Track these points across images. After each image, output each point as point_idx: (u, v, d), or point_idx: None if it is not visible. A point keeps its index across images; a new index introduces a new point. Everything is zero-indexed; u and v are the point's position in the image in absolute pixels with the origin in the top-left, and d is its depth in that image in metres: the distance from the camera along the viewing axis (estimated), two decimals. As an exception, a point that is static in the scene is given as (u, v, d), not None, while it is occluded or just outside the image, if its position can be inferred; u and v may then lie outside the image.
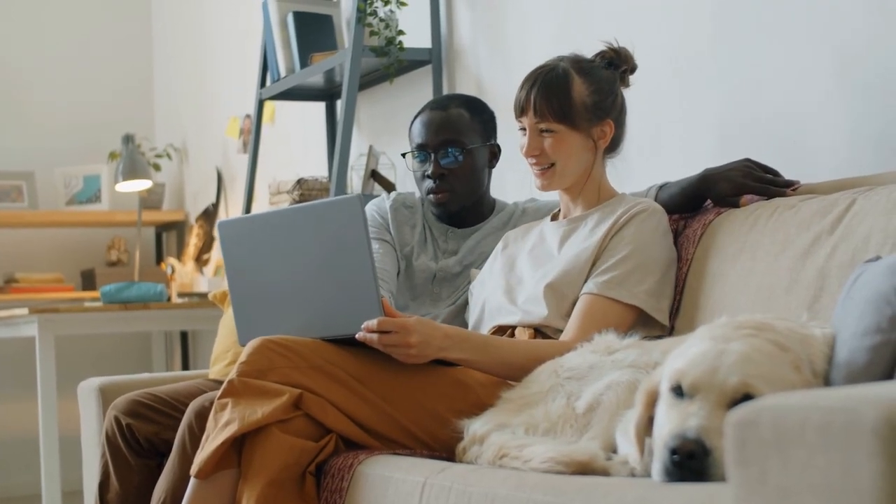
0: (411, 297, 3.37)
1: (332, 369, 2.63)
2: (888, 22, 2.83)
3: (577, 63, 2.96)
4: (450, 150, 3.31)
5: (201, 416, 2.96)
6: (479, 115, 3.37)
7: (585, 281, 2.85)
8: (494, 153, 3.41)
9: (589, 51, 3.02)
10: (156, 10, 7.09)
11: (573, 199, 3.02)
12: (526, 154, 2.95)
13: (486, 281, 3.11)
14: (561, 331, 2.85)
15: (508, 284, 3.01)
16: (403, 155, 3.41)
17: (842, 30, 2.95)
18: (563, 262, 2.90)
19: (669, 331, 2.85)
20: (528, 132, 2.94)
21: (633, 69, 3.04)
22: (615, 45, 3.01)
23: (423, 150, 3.34)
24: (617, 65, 3.00)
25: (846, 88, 2.95)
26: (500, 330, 2.96)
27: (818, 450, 1.33)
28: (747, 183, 2.89)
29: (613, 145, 3.01)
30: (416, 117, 3.40)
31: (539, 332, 2.88)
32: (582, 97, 2.91)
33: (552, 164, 2.93)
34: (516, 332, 2.91)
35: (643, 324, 2.81)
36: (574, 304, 2.85)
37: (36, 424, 5.46)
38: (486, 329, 3.00)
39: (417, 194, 3.48)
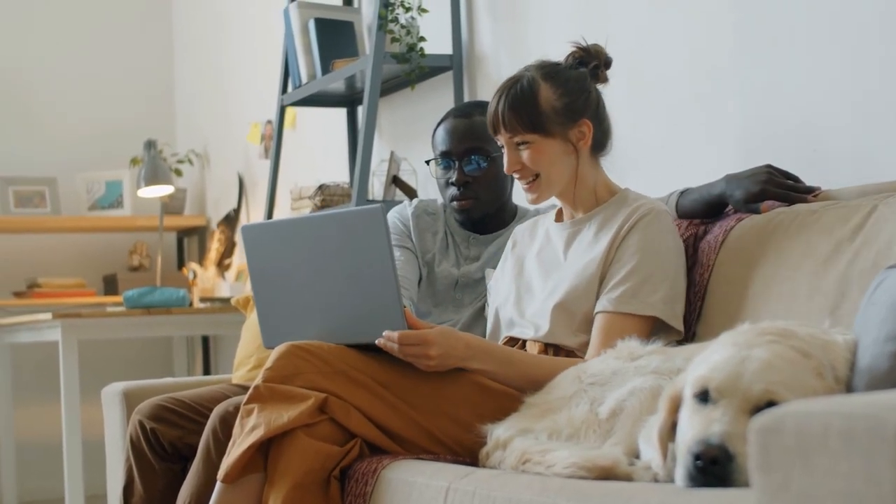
0: (434, 303, 3.38)
1: (357, 375, 2.65)
2: (909, 29, 2.84)
3: (543, 69, 2.93)
4: (474, 157, 3.32)
5: (225, 422, 2.98)
6: None
7: (597, 296, 2.83)
8: None
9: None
10: (177, 17, 7.12)
11: (571, 204, 2.99)
12: (507, 171, 2.92)
13: (499, 283, 3.11)
14: (571, 347, 2.85)
15: (518, 293, 3.00)
16: (427, 162, 3.42)
17: (862, 37, 2.96)
18: (571, 277, 2.87)
19: (691, 336, 2.85)
20: (505, 149, 2.92)
21: (606, 64, 3.00)
22: (583, 44, 2.98)
23: (447, 158, 3.36)
24: (587, 62, 2.96)
25: (867, 95, 2.95)
26: (511, 341, 2.96)
27: (841, 456, 1.34)
28: (768, 189, 2.88)
29: (599, 144, 2.96)
30: (439, 125, 3.41)
31: (549, 346, 2.88)
32: (551, 103, 2.87)
33: (537, 175, 2.90)
34: (527, 345, 2.91)
35: (660, 329, 2.80)
36: (584, 319, 2.84)
37: (59, 429, 5.49)
38: (499, 340, 3.00)
39: (440, 201, 3.50)
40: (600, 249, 2.86)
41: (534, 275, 3.00)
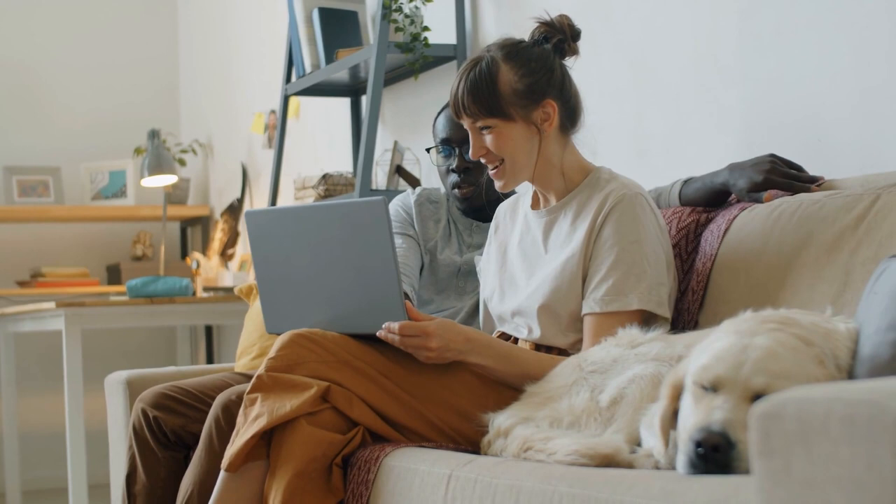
0: (436, 290, 3.38)
1: (359, 364, 2.65)
2: (913, 18, 2.84)
3: (504, 48, 2.82)
4: None
5: (228, 410, 2.98)
6: None
7: (582, 295, 2.79)
8: None
9: (614, 47, 3.02)
10: (182, 7, 7.12)
11: (542, 187, 2.91)
12: (472, 156, 2.85)
13: (486, 273, 3.07)
14: (560, 347, 2.83)
15: (502, 288, 2.97)
16: (428, 150, 3.42)
17: (866, 27, 2.95)
18: (553, 277, 2.82)
19: (693, 324, 2.84)
20: (470, 134, 2.84)
21: (573, 36, 2.87)
22: (547, 18, 2.86)
23: (447, 145, 3.36)
24: (551, 37, 2.85)
25: (871, 85, 2.95)
26: (503, 337, 2.96)
27: (842, 442, 1.34)
28: (772, 178, 2.88)
29: (568, 122, 2.86)
30: (439, 113, 3.42)
31: (540, 346, 2.87)
32: (511, 85, 2.78)
33: (502, 161, 2.82)
34: (519, 343, 2.90)
35: (650, 317, 2.76)
36: (571, 319, 2.81)
37: (63, 418, 5.50)
38: (492, 332, 3.00)
39: (443, 189, 3.50)
40: (578, 243, 2.81)
41: (517, 266, 2.96)
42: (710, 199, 3.01)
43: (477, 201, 3.37)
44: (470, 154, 2.86)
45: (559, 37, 2.85)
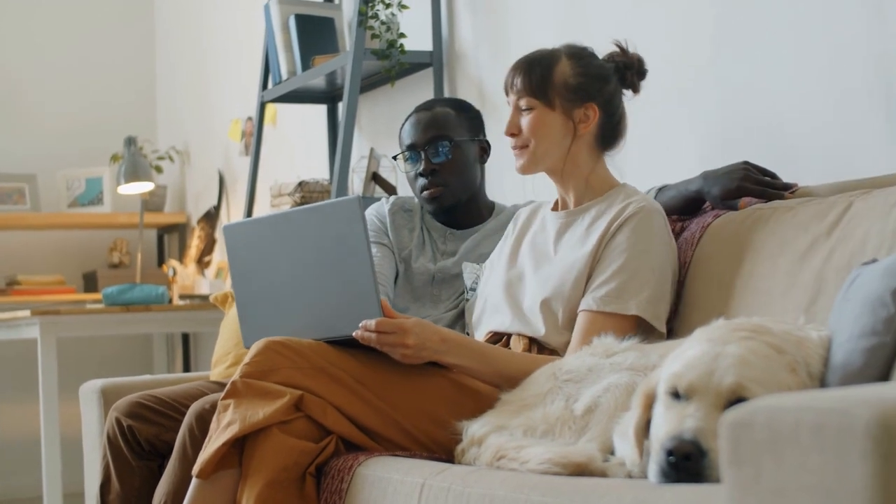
0: (412, 298, 3.38)
1: (335, 371, 2.64)
2: (886, 27, 2.84)
3: (571, 48, 2.96)
4: (438, 144, 3.35)
5: (202, 419, 2.97)
6: (465, 112, 3.43)
7: (583, 294, 2.82)
8: (484, 149, 3.46)
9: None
10: (158, 13, 7.10)
11: (563, 187, 2.98)
12: (505, 132, 2.93)
13: (494, 267, 3.11)
14: (557, 345, 2.84)
15: (509, 280, 3.00)
16: (395, 157, 3.45)
17: (840, 35, 2.96)
18: (559, 274, 2.87)
19: (668, 333, 2.85)
20: (511, 109, 2.94)
21: (639, 73, 3.01)
22: (624, 46, 2.99)
23: (412, 149, 3.39)
24: (618, 60, 2.98)
25: (844, 92, 2.96)
26: (495, 336, 2.96)
27: (812, 450, 1.34)
28: (745, 185, 2.89)
29: (605, 137, 2.94)
30: (405, 121, 3.45)
31: (534, 342, 2.88)
32: (565, 77, 2.89)
33: (527, 145, 2.91)
34: (511, 341, 2.91)
35: (643, 331, 2.79)
36: (569, 317, 2.83)
37: (37, 426, 5.47)
38: (484, 327, 3.00)
39: (417, 200, 3.51)
40: (589, 246, 2.85)
41: (526, 262, 3.00)
42: (685, 206, 3.01)
43: (446, 201, 3.38)
44: (505, 130, 2.93)
45: (625, 60, 2.98)
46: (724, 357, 1.92)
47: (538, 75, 2.89)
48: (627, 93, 3.01)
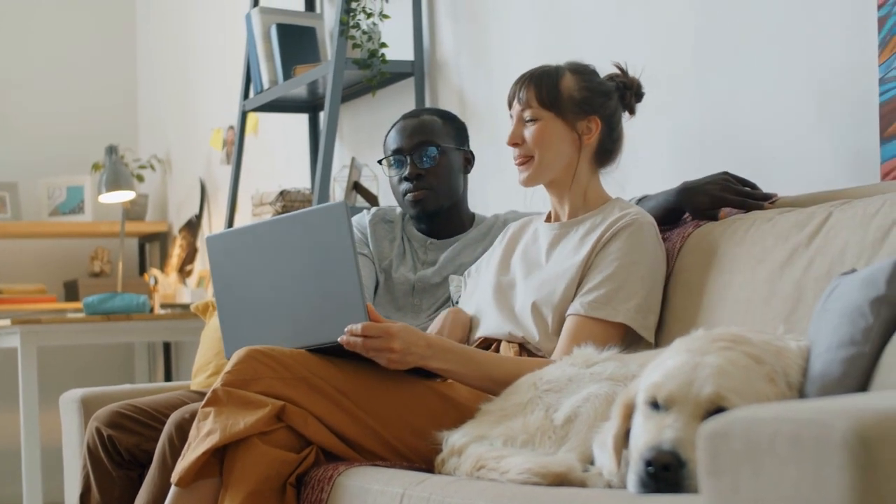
0: (393, 308, 3.38)
1: (316, 381, 2.64)
2: (864, 37, 2.85)
3: (574, 64, 3.00)
4: (425, 150, 3.37)
5: (181, 429, 2.97)
6: (451, 122, 3.44)
7: (572, 300, 2.84)
8: (468, 159, 3.47)
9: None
10: (140, 22, 7.09)
11: (559, 199, 3.00)
12: (508, 142, 2.96)
13: (480, 274, 3.12)
14: (547, 351, 2.85)
15: (499, 285, 3.00)
16: (380, 161, 3.45)
17: (819, 46, 2.97)
18: (549, 280, 2.88)
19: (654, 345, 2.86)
20: (514, 121, 2.96)
21: (637, 95, 3.05)
22: (625, 68, 3.04)
23: (398, 154, 3.40)
24: (618, 80, 3.02)
25: (823, 103, 2.97)
26: (486, 342, 2.96)
27: (789, 461, 1.34)
28: (725, 196, 2.90)
29: (605, 153, 2.99)
30: (389, 129, 3.46)
31: (523, 347, 2.88)
32: (570, 90, 2.93)
33: (532, 157, 2.94)
34: (501, 346, 2.91)
35: (631, 341, 2.80)
36: (556, 323, 2.84)
37: (18, 436, 5.46)
38: (474, 333, 3.00)
39: (398, 209, 3.51)
40: (582, 254, 2.87)
41: (517, 271, 3.01)
42: (665, 217, 3.02)
43: (430, 205, 3.39)
44: (508, 140, 2.96)
45: (625, 81, 3.02)
46: (703, 367, 1.93)
47: (545, 87, 2.93)
48: (624, 114, 3.05)
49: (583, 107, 2.94)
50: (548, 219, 3.06)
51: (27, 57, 6.86)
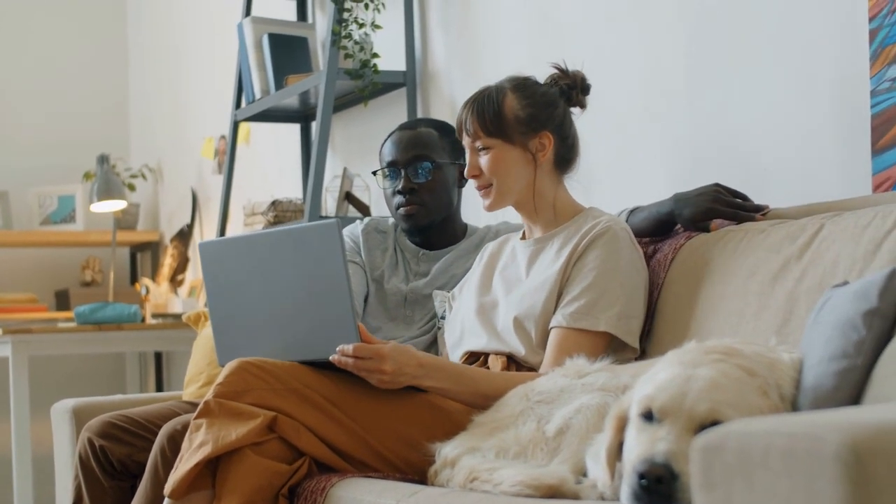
0: (386, 319, 3.38)
1: (308, 392, 2.64)
2: (855, 49, 2.86)
3: (513, 81, 2.97)
4: (419, 165, 3.36)
5: (173, 440, 2.97)
6: (448, 135, 3.42)
7: (554, 313, 2.84)
8: (463, 173, 3.45)
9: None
10: (131, 31, 7.09)
11: (529, 218, 3.01)
12: (466, 174, 2.97)
13: (462, 294, 3.12)
14: (532, 364, 2.85)
15: (482, 306, 3.00)
16: (374, 173, 3.45)
17: (810, 59, 2.98)
18: (529, 294, 2.89)
19: (641, 353, 2.86)
20: (468, 153, 2.96)
21: (583, 89, 3.02)
22: (564, 67, 3.01)
23: (393, 167, 3.39)
24: (561, 82, 2.99)
25: (815, 115, 2.97)
26: (472, 356, 2.97)
27: (782, 475, 1.34)
28: (716, 208, 2.90)
29: (564, 162, 2.98)
30: (386, 139, 3.45)
31: (511, 360, 2.89)
32: (514, 111, 2.91)
33: (491, 185, 2.94)
34: (489, 360, 2.92)
35: (617, 348, 2.82)
36: (539, 336, 2.85)
37: (9, 445, 5.45)
38: (460, 351, 3.01)
39: (391, 220, 3.51)
40: (557, 268, 2.87)
41: (498, 290, 3.01)
42: (656, 228, 3.02)
43: (422, 220, 3.38)
44: (465, 173, 2.97)
45: (568, 82, 2.99)
46: (695, 380, 1.93)
47: (490, 114, 2.91)
48: (576, 110, 3.03)
49: (531, 125, 2.92)
50: (523, 236, 3.06)
51: (18, 66, 6.85)
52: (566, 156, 2.98)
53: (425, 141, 3.39)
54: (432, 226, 3.41)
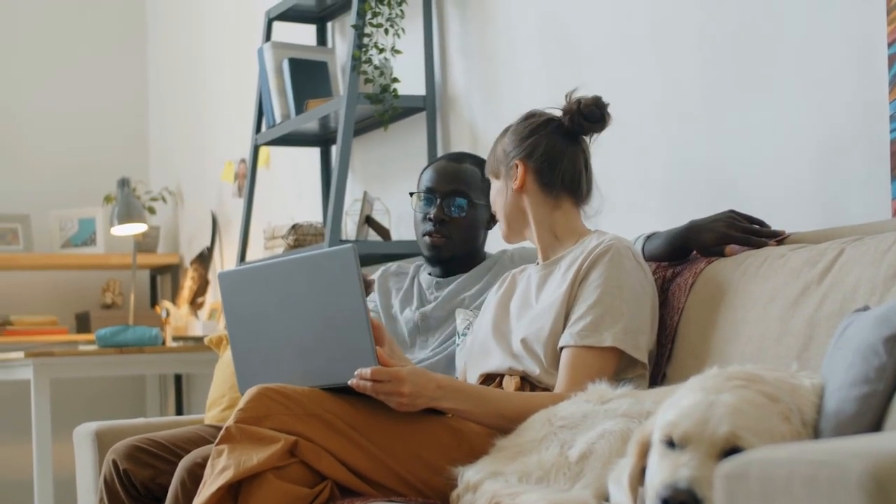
0: (403, 348, 3.41)
1: (329, 417, 2.65)
2: (874, 75, 2.87)
3: (519, 119, 3.07)
4: (457, 199, 3.42)
5: (193, 473, 2.98)
6: None
7: (561, 332, 2.85)
8: (494, 217, 3.47)
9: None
10: (151, 55, 7.13)
11: (535, 244, 3.06)
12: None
13: (482, 317, 3.14)
14: (547, 384, 2.87)
15: (497, 328, 3.02)
16: (411, 194, 3.49)
17: (828, 82, 2.99)
18: (538, 316, 2.91)
19: (661, 378, 2.86)
20: None
21: (582, 114, 2.98)
22: (567, 97, 3.01)
23: (430, 193, 3.43)
24: (567, 115, 3.00)
25: (834, 140, 2.98)
26: (488, 378, 2.98)
27: (805, 502, 1.35)
28: (730, 233, 2.92)
29: (548, 186, 2.98)
30: (428, 165, 3.53)
31: (525, 380, 2.90)
32: (503, 147, 3.05)
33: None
34: (504, 381, 2.93)
35: (626, 362, 2.82)
36: (550, 357, 2.86)
37: (30, 467, 5.47)
38: (476, 370, 3.02)
39: (416, 263, 3.57)
40: (564, 286, 2.89)
41: (514, 313, 3.03)
42: (672, 254, 3.04)
43: (445, 253, 3.44)
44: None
45: (569, 109, 3.01)
46: (718, 406, 1.94)
47: (490, 155, 3.08)
48: (589, 138, 3.06)
49: (508, 157, 3.01)
50: (538, 262, 3.10)
51: (39, 90, 6.89)
52: (548, 181, 2.99)
53: (467, 178, 3.46)
54: (453, 259, 3.46)
